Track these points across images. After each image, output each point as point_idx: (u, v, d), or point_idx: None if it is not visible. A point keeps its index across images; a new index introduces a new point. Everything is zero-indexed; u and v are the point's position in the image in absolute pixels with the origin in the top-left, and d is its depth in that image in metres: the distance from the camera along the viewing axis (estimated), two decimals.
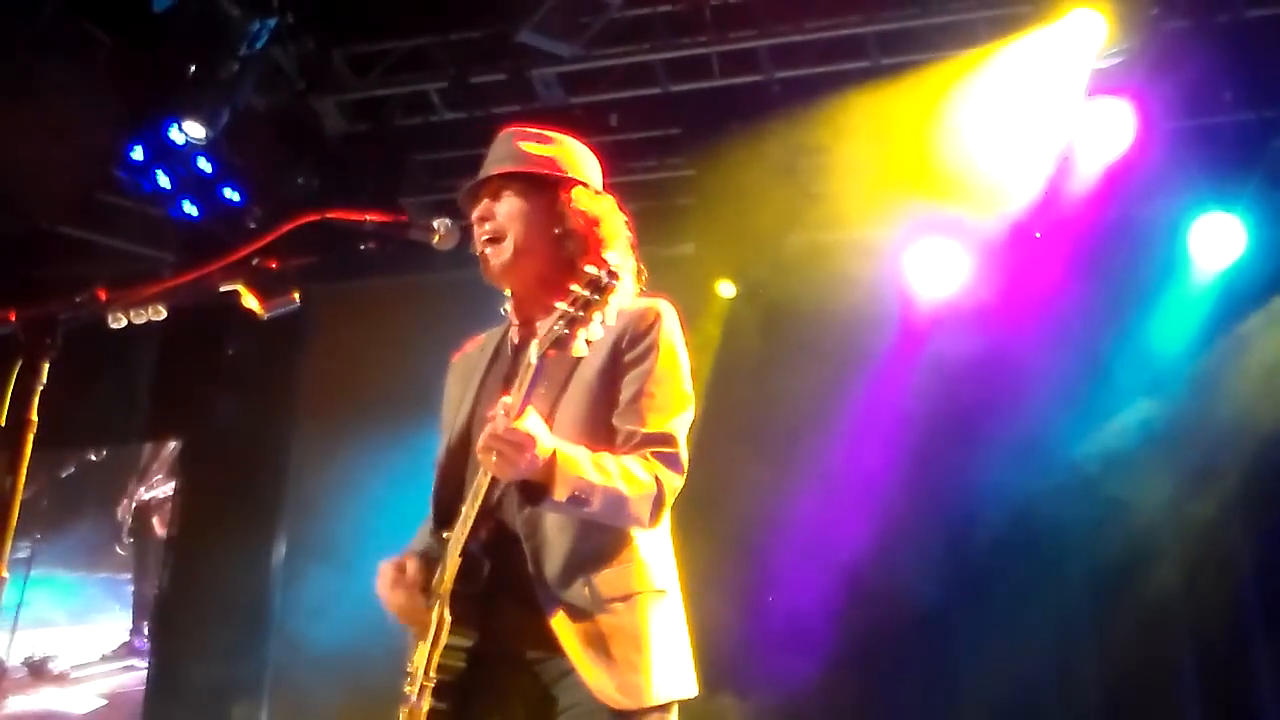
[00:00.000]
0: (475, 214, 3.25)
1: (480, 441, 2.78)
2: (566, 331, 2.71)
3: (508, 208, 3.21)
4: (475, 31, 7.51)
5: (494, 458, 2.75)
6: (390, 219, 2.97)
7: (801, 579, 7.29)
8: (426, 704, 2.89)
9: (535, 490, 2.82)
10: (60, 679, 7.77)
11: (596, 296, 2.70)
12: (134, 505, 8.20)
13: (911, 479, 7.37)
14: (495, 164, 3.28)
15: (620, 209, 3.33)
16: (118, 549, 8.11)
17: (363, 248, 2.92)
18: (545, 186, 3.24)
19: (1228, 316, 7.31)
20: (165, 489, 8.14)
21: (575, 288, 2.71)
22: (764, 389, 7.77)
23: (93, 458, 8.36)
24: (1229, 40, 6.77)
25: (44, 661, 7.90)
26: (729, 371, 7.81)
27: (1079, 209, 7.21)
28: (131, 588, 7.90)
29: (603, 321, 2.73)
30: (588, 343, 2.75)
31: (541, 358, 2.75)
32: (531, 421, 2.77)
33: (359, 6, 7.60)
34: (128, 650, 7.78)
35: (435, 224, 3.00)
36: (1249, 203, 7.24)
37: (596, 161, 3.40)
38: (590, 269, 2.72)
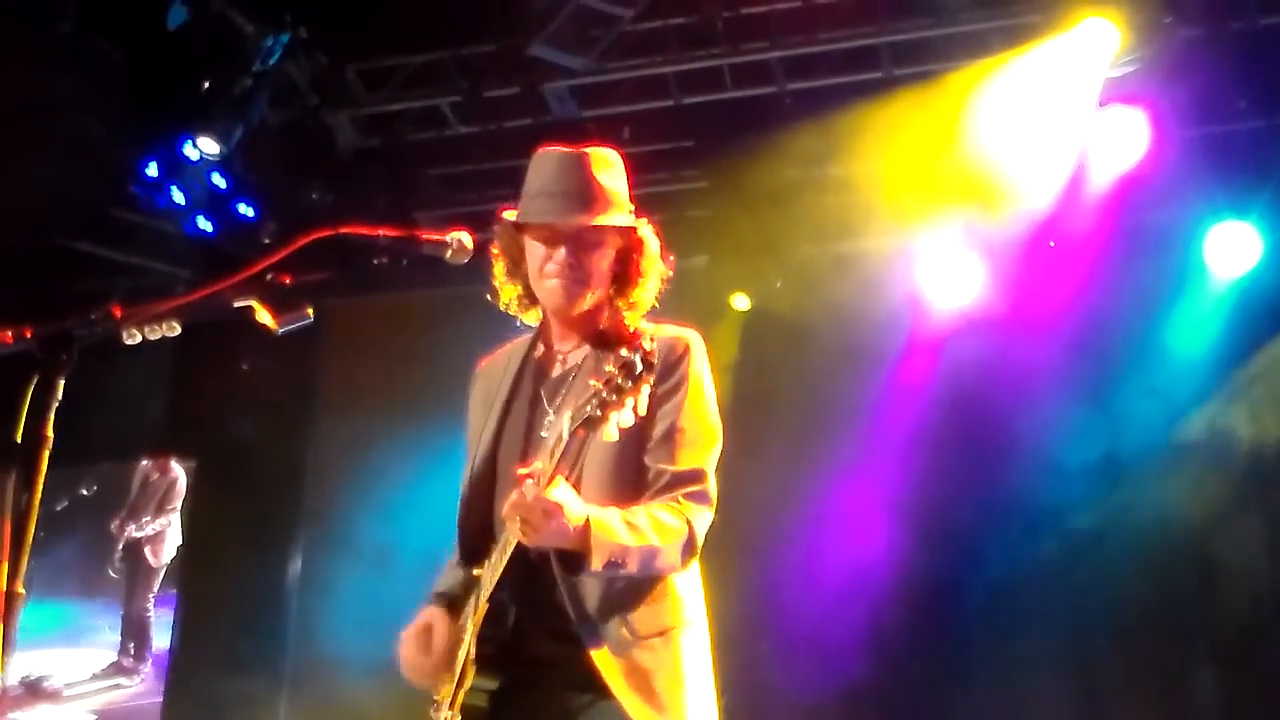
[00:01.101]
0: (556, 255, 3.14)
1: (506, 508, 2.78)
2: (599, 414, 2.64)
3: (594, 260, 3.17)
4: (487, 46, 7.52)
5: (519, 525, 2.75)
6: (403, 234, 2.96)
7: (818, 589, 7.28)
8: None
9: (573, 560, 2.84)
10: (54, 696, 8.15)
11: (629, 384, 2.63)
12: (125, 537, 8.58)
13: (927, 488, 7.36)
14: (573, 201, 3.15)
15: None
16: (110, 574, 8.49)
17: (376, 262, 2.93)
18: (622, 231, 3.23)
19: (1244, 324, 7.28)
20: (155, 525, 8.53)
21: (610, 368, 2.65)
22: (779, 400, 7.77)
23: (84, 492, 8.66)
24: (1242, 48, 6.75)
25: (39, 680, 8.28)
26: (744, 382, 7.81)
27: (1093, 218, 7.19)
28: (121, 612, 8.32)
29: (635, 408, 2.66)
30: (619, 428, 2.68)
31: (572, 435, 2.71)
32: (560, 491, 2.77)
33: (371, 21, 7.61)
34: (116, 669, 8.22)
35: (448, 238, 2.99)
36: (1264, 210, 7.22)
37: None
38: (625, 353, 2.65)
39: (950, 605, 7.37)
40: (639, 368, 2.63)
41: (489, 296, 3.38)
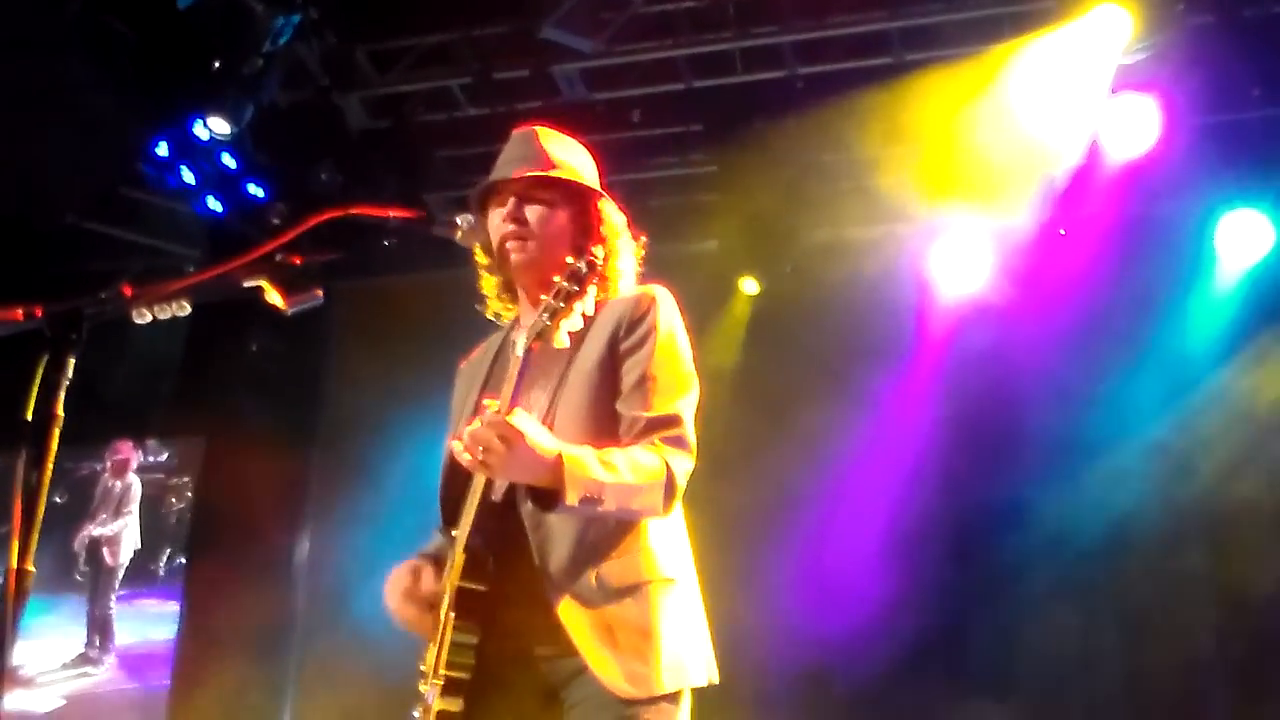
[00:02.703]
0: (504, 212, 3.21)
1: (465, 439, 2.76)
2: (549, 323, 2.73)
3: (538, 214, 3.20)
4: (498, 27, 7.51)
5: (480, 455, 2.73)
6: (413, 215, 2.97)
7: (825, 572, 7.29)
8: (438, 704, 2.89)
9: (547, 496, 2.80)
10: (28, 683, 8.86)
11: (575, 287, 2.73)
12: (87, 540, 9.19)
13: (934, 474, 7.37)
14: (522, 164, 3.25)
15: (621, 210, 3.35)
16: (76, 576, 9.11)
17: (386, 243, 2.93)
18: (575, 196, 3.24)
19: (1255, 313, 7.27)
20: (113, 527, 9.18)
21: (556, 279, 2.75)
22: (786, 385, 7.76)
23: (57, 499, 9.13)
24: (1255, 35, 6.73)
25: (15, 669, 8.75)
26: (752, 367, 7.82)
27: (1104, 206, 7.18)
28: (86, 608, 9.02)
29: (583, 312, 2.75)
30: (570, 334, 2.77)
31: (527, 351, 2.77)
32: (521, 419, 2.75)
33: (382, 2, 7.61)
34: (82, 660, 8.93)
35: (458, 219, 3.00)
36: (1275, 199, 7.20)
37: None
38: (570, 260, 2.76)
39: (956, 591, 7.37)
40: (583, 271, 2.73)
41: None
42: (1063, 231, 7.40)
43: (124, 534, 9.16)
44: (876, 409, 7.45)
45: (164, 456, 9.39)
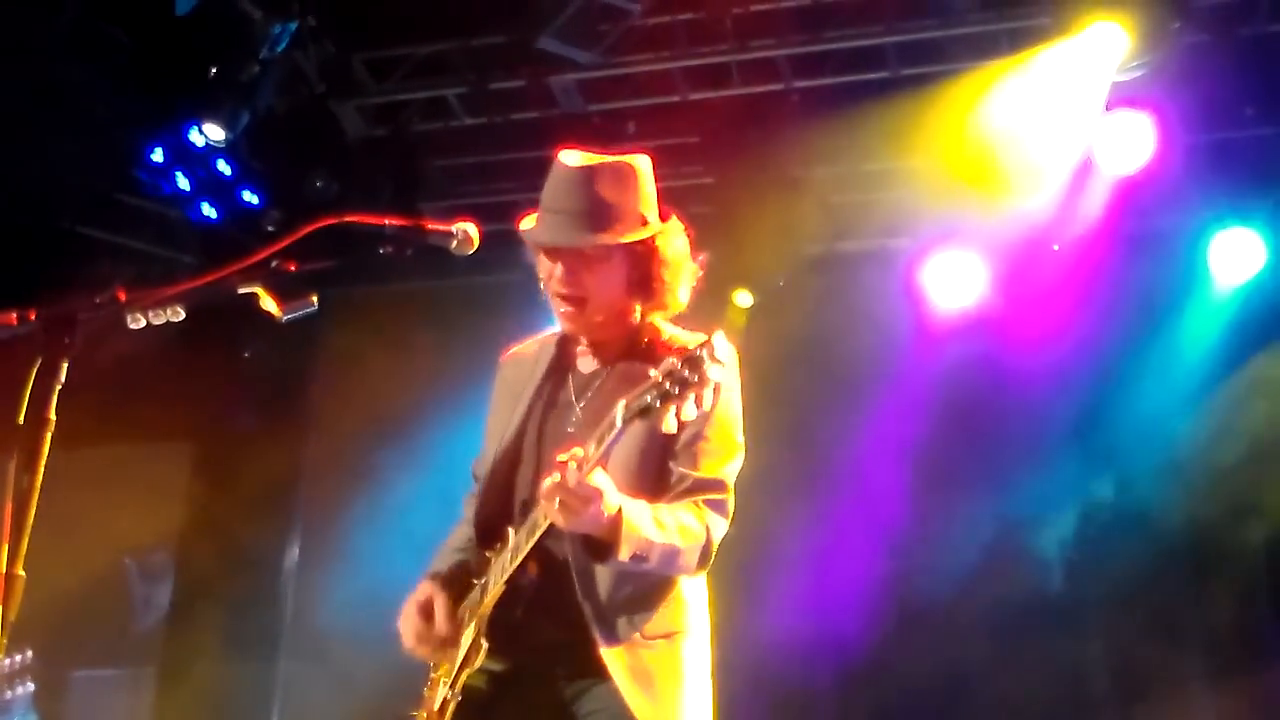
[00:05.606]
0: (555, 272, 3.15)
1: (545, 488, 2.78)
2: (657, 405, 2.59)
3: (594, 279, 3.14)
4: (495, 37, 7.51)
5: (557, 507, 2.75)
6: (408, 223, 2.96)
7: (813, 591, 7.28)
8: (451, 713, 2.96)
9: (599, 548, 2.85)
10: None
11: (695, 378, 2.57)
12: None
13: (925, 490, 7.36)
14: (575, 219, 3.13)
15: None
16: None
17: (381, 252, 2.91)
18: (632, 245, 3.18)
19: (1247, 331, 7.29)
20: None
21: (673, 360, 2.61)
22: (779, 400, 7.75)
23: None
24: (1250, 54, 6.76)
25: None
26: (744, 379, 7.80)
27: (1097, 222, 7.19)
28: None
29: (698, 404, 2.60)
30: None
31: (626, 422, 2.67)
32: (600, 477, 2.77)
33: (380, 11, 7.61)
34: None
35: (454, 229, 2.99)
36: (1268, 217, 7.22)
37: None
38: (692, 348, 2.62)
39: (946, 605, 7.36)
40: (706, 364, 2.58)
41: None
42: (1056, 247, 7.42)
43: None
44: (869, 424, 7.44)
45: None
